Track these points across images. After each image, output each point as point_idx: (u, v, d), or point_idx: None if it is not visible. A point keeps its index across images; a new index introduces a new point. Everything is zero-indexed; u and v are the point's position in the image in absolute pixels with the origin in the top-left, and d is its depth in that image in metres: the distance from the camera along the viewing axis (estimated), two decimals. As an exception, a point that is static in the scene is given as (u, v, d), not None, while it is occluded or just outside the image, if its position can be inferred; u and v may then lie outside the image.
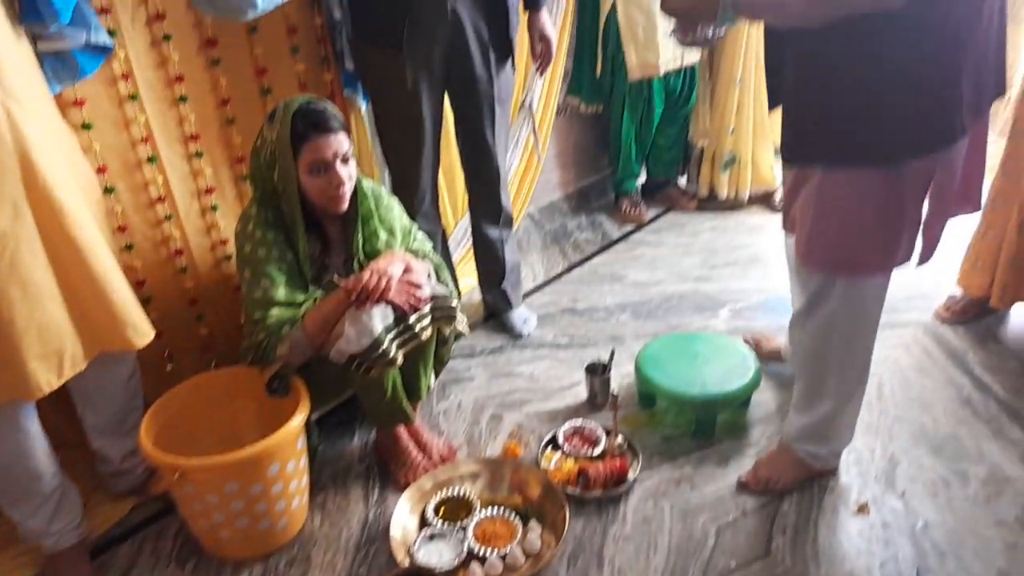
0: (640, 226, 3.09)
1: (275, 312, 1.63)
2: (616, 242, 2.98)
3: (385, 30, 1.87)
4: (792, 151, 1.41)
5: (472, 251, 2.42)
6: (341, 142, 1.62)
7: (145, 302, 1.81)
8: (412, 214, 2.06)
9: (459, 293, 2.40)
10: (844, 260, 1.44)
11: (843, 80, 1.26)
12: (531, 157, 2.79)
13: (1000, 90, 1.39)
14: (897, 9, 1.14)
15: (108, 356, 1.47)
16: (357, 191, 1.69)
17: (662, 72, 2.82)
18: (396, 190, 2.12)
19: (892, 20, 1.17)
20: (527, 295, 2.60)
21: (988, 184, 2.17)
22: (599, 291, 2.63)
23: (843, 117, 1.29)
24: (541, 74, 2.29)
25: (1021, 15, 2.32)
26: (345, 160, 1.64)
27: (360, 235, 1.74)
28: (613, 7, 2.75)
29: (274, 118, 1.61)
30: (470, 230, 2.40)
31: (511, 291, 2.39)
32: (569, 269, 2.80)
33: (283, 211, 1.66)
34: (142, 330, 1.45)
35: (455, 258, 2.57)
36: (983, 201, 1.56)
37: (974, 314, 2.28)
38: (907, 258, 1.45)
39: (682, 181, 3.31)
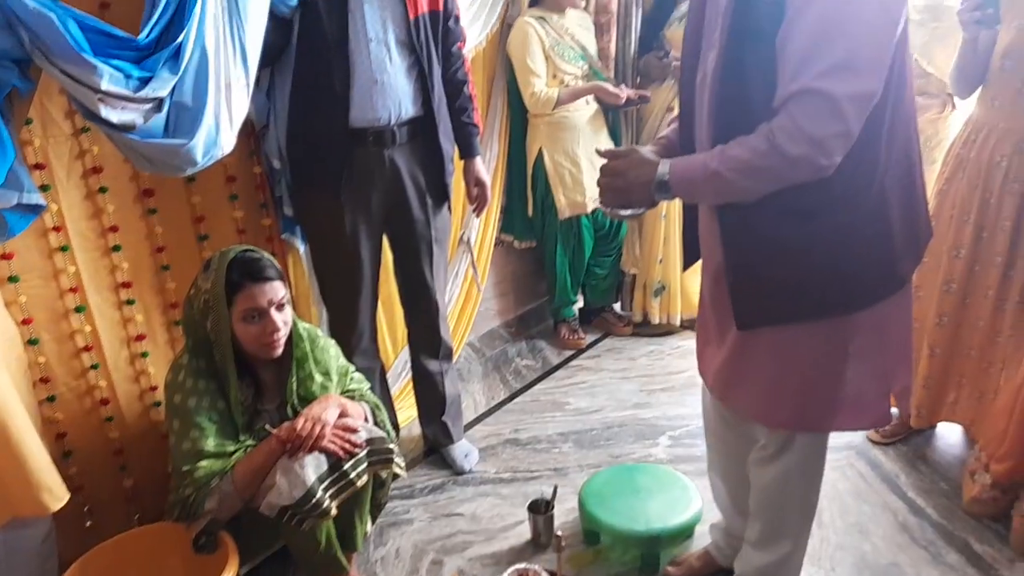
0: (579, 351, 3.13)
1: (204, 464, 1.58)
2: (557, 368, 3.00)
3: (324, 179, 1.93)
4: (747, 318, 1.36)
5: (412, 384, 2.41)
6: (277, 290, 1.63)
7: (66, 455, 1.74)
8: (350, 353, 2.06)
9: (398, 430, 2.38)
10: (814, 416, 1.41)
11: (782, 243, 1.27)
12: (471, 288, 2.84)
13: (930, 232, 1.44)
14: (828, 173, 1.18)
15: (20, 519, 1.39)
16: (292, 334, 1.69)
17: (590, 209, 2.95)
18: (334, 330, 2.12)
19: (822, 182, 1.20)
20: (469, 426, 2.57)
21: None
22: (541, 420, 2.62)
23: (792, 279, 1.29)
24: (477, 215, 2.38)
25: (933, 155, 2.53)
26: (280, 307, 1.64)
27: (294, 379, 1.72)
28: (540, 154, 2.89)
29: (209, 268, 1.61)
30: (409, 363, 2.39)
31: (452, 424, 2.37)
32: (511, 397, 2.79)
33: (215, 359, 1.64)
34: (57, 493, 1.38)
35: (395, 391, 2.55)
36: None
37: (903, 434, 2.35)
38: (881, 413, 1.42)
39: (617, 307, 3.39)
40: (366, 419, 1.74)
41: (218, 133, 1.46)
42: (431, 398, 2.35)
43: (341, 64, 1.83)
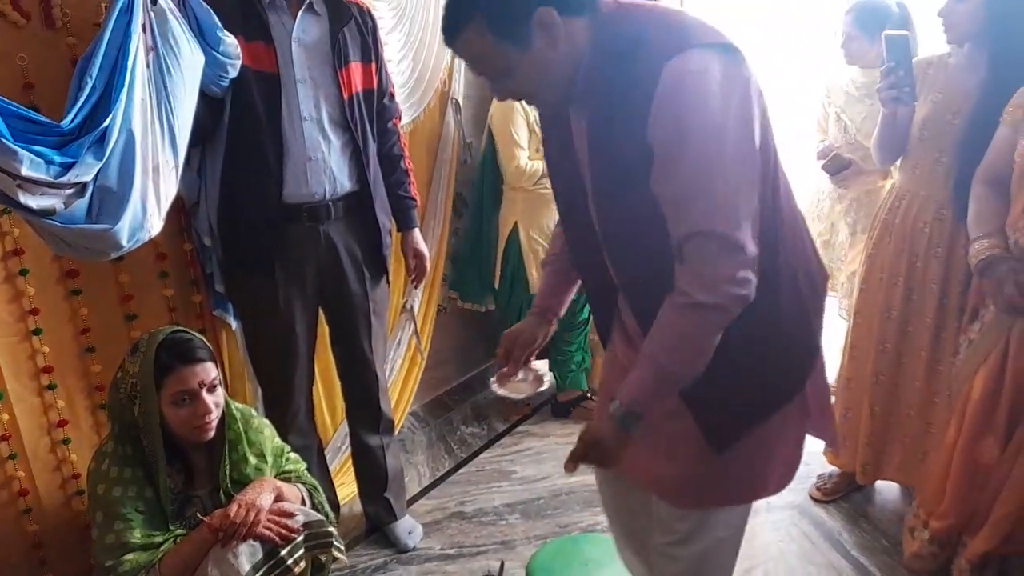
0: (525, 417, 3.11)
1: (129, 558, 1.50)
2: (503, 435, 2.97)
3: (256, 256, 1.90)
4: (721, 441, 1.29)
5: (352, 459, 2.35)
6: (208, 371, 1.58)
7: (-22, 554, 1.64)
8: (286, 431, 2.00)
9: (337, 510, 2.31)
10: (739, 488, 1.37)
11: (723, 353, 1.18)
12: (414, 357, 2.81)
13: (826, 277, 1.41)
14: (753, 296, 1.14)
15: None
16: (225, 416, 1.64)
17: None
18: (269, 408, 2.07)
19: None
20: (412, 500, 2.51)
21: (838, 366, 2.37)
22: (487, 491, 2.58)
23: (749, 382, 1.26)
24: (416, 286, 2.37)
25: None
26: (212, 388, 1.59)
27: (227, 463, 1.66)
28: (515, 227, 2.88)
29: (137, 350, 1.56)
30: (349, 437, 2.34)
31: (394, 501, 2.31)
32: (456, 467, 2.75)
33: (143, 445, 1.57)
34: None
35: (334, 467, 2.48)
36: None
37: (845, 491, 2.38)
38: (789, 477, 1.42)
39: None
40: (303, 502, 1.69)
41: (145, 216, 1.44)
42: (372, 474, 2.29)
43: (274, 142, 1.83)
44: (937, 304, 2.06)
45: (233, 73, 1.73)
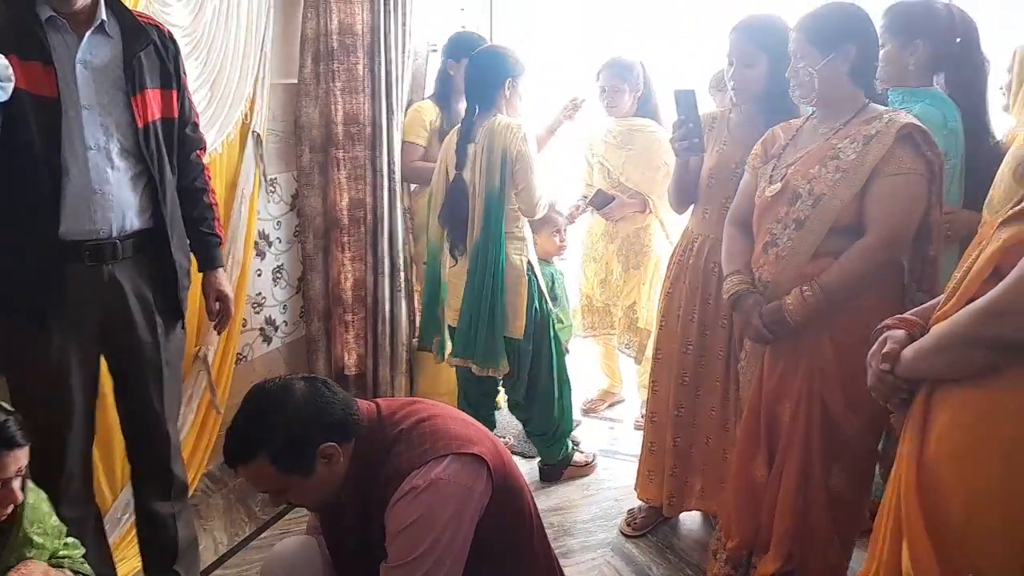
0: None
1: None
2: (309, 491, 2.78)
3: (25, 299, 1.64)
4: None
5: (136, 530, 2.07)
6: (24, 455, 1.43)
7: None
8: (57, 501, 1.72)
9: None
10: None
11: None
12: (208, 412, 2.56)
13: None
14: None
15: None
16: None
17: None
18: (39, 477, 1.76)
19: None
20: (207, 572, 2.26)
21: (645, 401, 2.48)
22: (293, 553, 2.38)
23: None
24: (219, 332, 2.17)
25: (638, 260, 2.96)
26: (19, 474, 1.42)
27: (12, 545, 1.45)
28: (530, 266, 2.67)
29: None
30: (133, 504, 2.06)
31: (186, 574, 2.05)
32: (258, 532, 2.52)
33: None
34: None
35: (113, 539, 2.18)
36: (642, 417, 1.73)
37: (654, 524, 2.49)
38: None
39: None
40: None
41: None
42: (161, 545, 2.02)
43: (51, 174, 1.61)
44: (727, 338, 2.23)
45: (3, 96, 1.51)
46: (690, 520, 2.54)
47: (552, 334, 2.70)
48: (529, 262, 2.64)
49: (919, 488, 1.14)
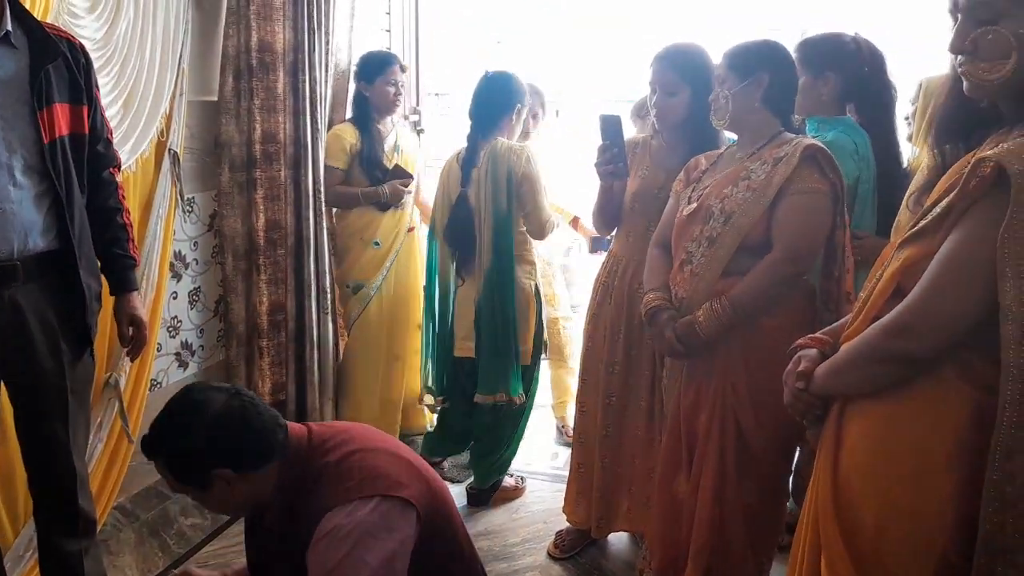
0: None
1: None
2: (230, 523, 2.67)
3: None
4: None
5: (39, 569, 1.94)
6: None
7: None
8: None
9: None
10: None
11: None
12: (119, 441, 2.43)
13: None
14: None
15: None
16: None
17: None
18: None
19: None
20: (118, 612, 2.14)
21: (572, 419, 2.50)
22: (210, 589, 2.28)
23: None
24: (133, 359, 2.08)
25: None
26: None
27: None
28: (536, 290, 2.69)
29: None
30: (36, 543, 1.94)
31: (95, 615, 1.94)
32: (172, 565, 2.40)
33: None
34: None
35: (16, 580, 2.04)
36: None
37: (582, 546, 2.49)
38: None
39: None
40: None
41: None
42: (67, 585, 1.91)
43: None
44: (652, 358, 2.27)
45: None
46: (618, 541, 2.55)
47: (539, 359, 2.73)
48: (536, 286, 2.66)
49: (835, 503, 1.18)
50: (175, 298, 2.75)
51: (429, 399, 2.92)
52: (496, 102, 2.60)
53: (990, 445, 1.01)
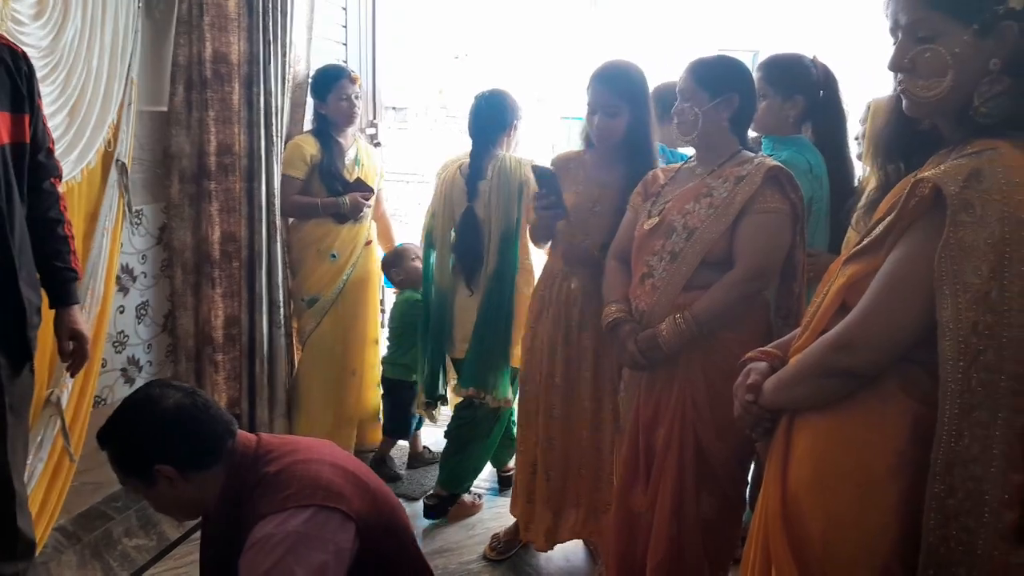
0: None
1: None
2: (176, 544, 2.59)
3: None
4: None
5: (-27, 596, 1.86)
6: None
7: None
8: None
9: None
10: None
11: None
12: (60, 460, 2.35)
13: None
14: None
15: None
16: None
17: None
18: None
19: None
20: (57, 638, 2.06)
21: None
22: (156, 612, 2.21)
23: None
24: (73, 375, 2.01)
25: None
26: None
27: None
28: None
29: None
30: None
31: (33, 643, 1.87)
32: (116, 588, 2.32)
33: None
34: None
35: (-53, 608, 1.94)
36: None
37: (518, 546, 2.51)
38: None
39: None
40: None
41: None
42: (2, 612, 1.83)
43: None
44: (593, 367, 2.30)
45: None
46: (572, 550, 2.55)
47: None
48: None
49: (783, 515, 1.19)
50: (122, 312, 2.68)
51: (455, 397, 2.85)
52: (495, 120, 2.65)
53: (931, 458, 1.03)
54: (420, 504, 2.80)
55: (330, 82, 2.88)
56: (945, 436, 1.01)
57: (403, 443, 3.23)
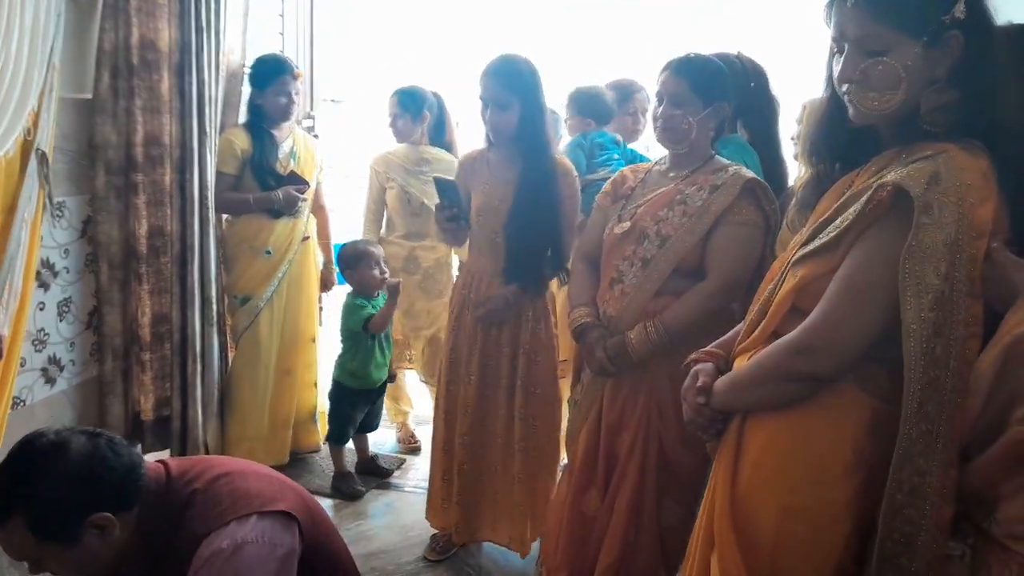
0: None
1: None
2: None
3: None
4: None
5: None
6: None
7: None
8: None
9: None
10: None
11: None
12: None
13: None
14: None
15: None
16: None
17: None
18: None
19: None
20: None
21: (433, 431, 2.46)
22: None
23: None
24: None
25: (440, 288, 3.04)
26: None
27: None
28: None
29: None
30: None
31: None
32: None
33: None
34: None
35: None
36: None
37: (454, 549, 2.51)
38: None
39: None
40: None
41: None
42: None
43: None
44: (509, 366, 2.31)
45: None
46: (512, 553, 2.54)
47: None
48: None
49: (732, 513, 1.20)
50: (42, 309, 2.54)
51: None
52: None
53: (892, 457, 1.04)
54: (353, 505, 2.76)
55: (271, 75, 2.80)
56: (906, 434, 1.03)
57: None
